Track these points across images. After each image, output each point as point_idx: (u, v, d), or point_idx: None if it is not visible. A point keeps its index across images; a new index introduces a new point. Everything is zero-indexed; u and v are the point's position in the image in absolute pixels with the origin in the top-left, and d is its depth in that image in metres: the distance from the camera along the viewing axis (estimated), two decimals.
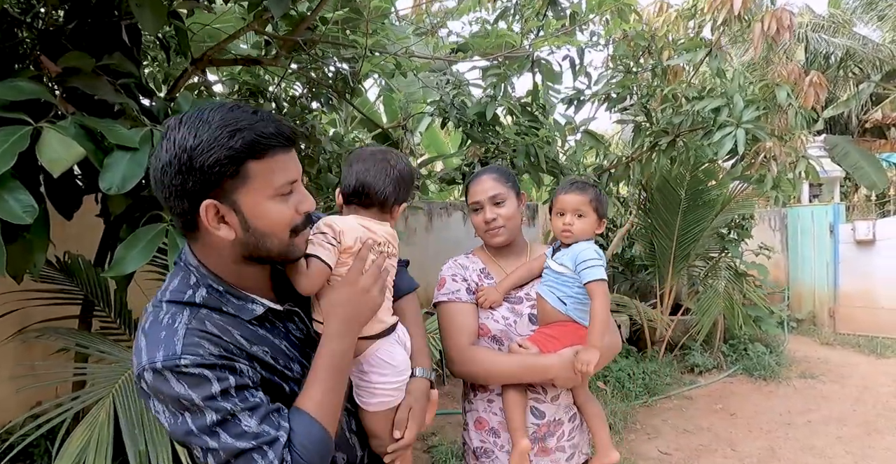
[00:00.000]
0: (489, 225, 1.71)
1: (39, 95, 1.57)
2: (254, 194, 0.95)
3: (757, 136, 3.91)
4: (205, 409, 0.91)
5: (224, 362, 0.95)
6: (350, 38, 2.83)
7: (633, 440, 4.31)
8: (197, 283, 1.03)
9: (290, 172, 0.98)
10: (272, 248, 1.01)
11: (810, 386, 5.66)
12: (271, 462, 0.93)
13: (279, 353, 1.07)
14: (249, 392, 0.97)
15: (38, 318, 2.92)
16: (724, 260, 6.31)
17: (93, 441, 2.02)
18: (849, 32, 12.22)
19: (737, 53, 11.07)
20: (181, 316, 0.98)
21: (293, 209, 1.00)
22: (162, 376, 0.91)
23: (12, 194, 1.39)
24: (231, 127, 0.92)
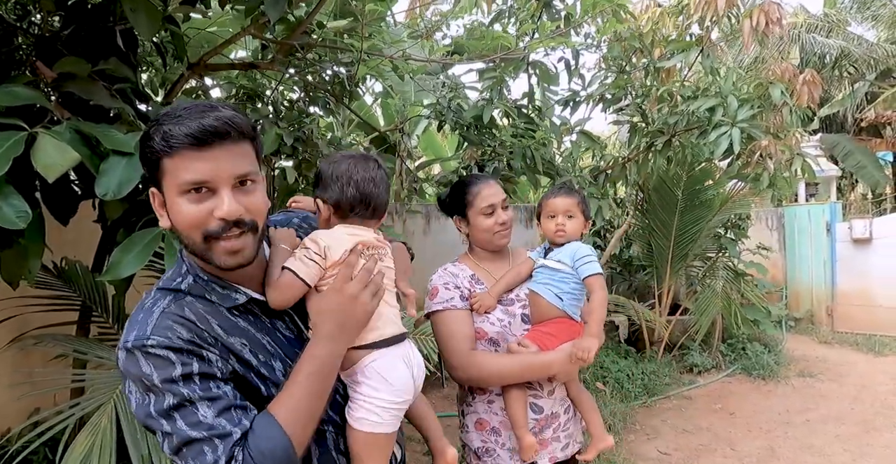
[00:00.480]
0: (502, 228, 1.78)
1: (35, 101, 1.57)
2: (169, 188, 0.96)
3: (752, 135, 3.93)
4: (164, 391, 0.91)
5: (191, 347, 0.94)
6: (346, 42, 2.84)
7: (633, 441, 4.31)
8: (187, 271, 1.05)
9: (194, 171, 0.93)
10: (194, 249, 0.99)
11: (809, 385, 5.68)
12: (218, 457, 0.89)
13: (259, 347, 1.04)
14: (214, 383, 0.95)
15: (35, 324, 2.91)
16: (722, 260, 6.33)
17: (96, 447, 2.02)
18: (843, 32, 12.27)
19: (731, 54, 11.11)
20: (162, 301, 0.99)
21: (205, 211, 0.95)
22: (133, 356, 0.93)
23: (6, 200, 1.38)
24: (157, 121, 0.95)
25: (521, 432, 1.65)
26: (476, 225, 1.81)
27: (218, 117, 0.94)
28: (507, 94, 3.74)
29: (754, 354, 6.17)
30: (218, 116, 0.94)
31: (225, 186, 0.95)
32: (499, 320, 1.73)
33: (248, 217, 0.98)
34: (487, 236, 1.79)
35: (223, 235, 0.96)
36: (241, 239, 0.98)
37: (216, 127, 0.93)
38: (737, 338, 6.44)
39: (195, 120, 0.92)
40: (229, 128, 0.94)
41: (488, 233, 1.78)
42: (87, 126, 1.57)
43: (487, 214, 1.77)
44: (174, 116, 0.93)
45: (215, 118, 0.93)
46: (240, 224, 0.97)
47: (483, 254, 1.85)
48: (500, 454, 1.74)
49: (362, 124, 4.41)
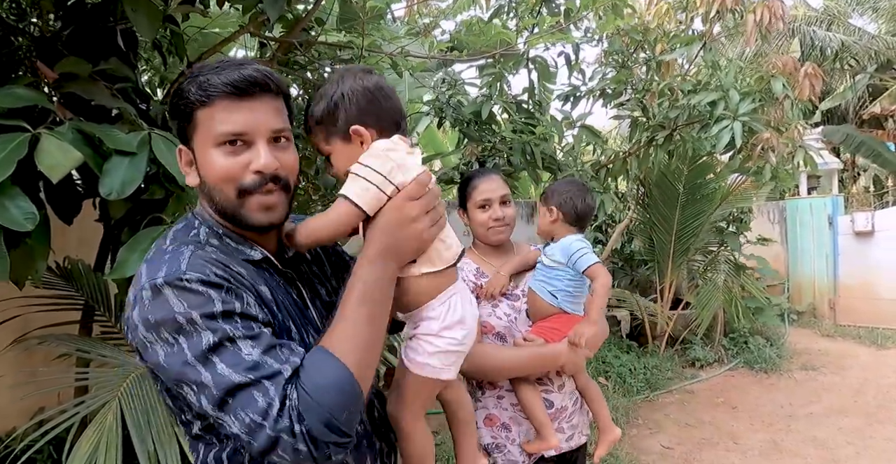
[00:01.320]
0: (497, 223, 1.78)
1: (37, 102, 1.58)
2: (201, 142, 0.93)
3: (754, 128, 3.92)
4: (202, 328, 0.80)
5: (230, 286, 0.86)
6: (346, 39, 2.83)
7: (635, 435, 4.32)
8: (200, 224, 1.00)
9: (233, 123, 0.90)
10: (225, 205, 0.94)
11: (811, 378, 5.68)
12: (271, 400, 0.78)
13: (279, 305, 0.96)
14: (256, 323, 0.86)
15: (38, 324, 2.92)
16: (724, 253, 6.32)
17: (102, 444, 2.03)
18: (844, 25, 12.22)
19: (732, 48, 11.08)
20: (186, 247, 0.91)
21: (241, 165, 0.92)
22: (160, 294, 0.82)
23: (13, 201, 1.39)
24: (192, 75, 0.93)
25: (547, 430, 1.66)
26: (473, 219, 1.83)
27: (258, 69, 0.93)
28: (507, 89, 3.74)
29: (756, 347, 6.17)
30: (258, 69, 0.93)
31: (262, 139, 0.93)
32: (506, 315, 1.75)
33: (282, 173, 0.95)
34: (482, 231, 1.81)
35: (258, 190, 0.93)
36: (276, 195, 0.95)
37: (256, 78, 0.91)
38: (739, 332, 6.44)
39: (235, 71, 0.91)
40: (269, 80, 0.93)
41: (483, 227, 1.80)
42: (89, 126, 1.58)
43: (482, 208, 1.79)
44: (212, 68, 0.92)
45: (255, 70, 0.92)
46: (275, 180, 0.94)
47: (486, 248, 1.87)
48: (510, 450, 1.74)
49: None
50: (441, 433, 4.10)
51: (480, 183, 1.81)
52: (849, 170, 13.44)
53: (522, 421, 1.74)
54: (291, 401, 0.79)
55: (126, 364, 2.49)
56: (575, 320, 1.70)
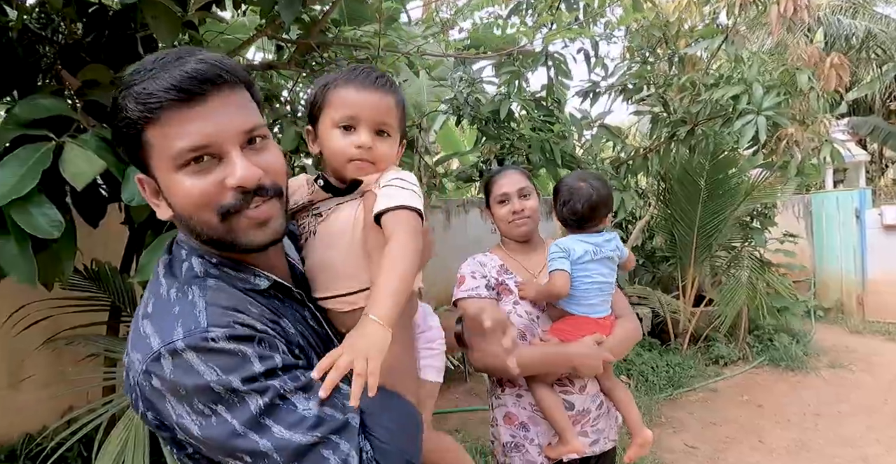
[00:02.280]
0: (516, 216, 1.78)
1: (60, 112, 1.61)
2: (161, 166, 0.76)
3: (778, 122, 3.85)
4: (247, 393, 0.68)
5: (263, 336, 0.74)
6: (362, 40, 2.84)
7: (659, 434, 4.28)
8: (188, 254, 0.84)
9: (189, 135, 0.72)
10: (210, 234, 0.78)
11: (839, 376, 5.57)
12: (346, 457, 0.69)
13: (297, 336, 0.85)
14: (299, 371, 0.74)
15: (67, 325, 2.98)
16: (747, 249, 6.22)
17: (130, 442, 2.08)
18: (870, 13, 11.90)
19: (755, 40, 10.86)
20: (191, 289, 0.77)
21: (214, 184, 0.75)
22: (185, 360, 0.69)
23: (39, 209, 1.43)
24: (126, 86, 0.74)
25: (569, 434, 1.64)
26: (495, 214, 1.84)
27: (202, 60, 0.73)
28: (525, 87, 3.72)
29: (782, 345, 6.06)
30: (202, 59, 0.74)
31: (232, 147, 0.75)
32: (526, 313, 1.74)
33: (268, 180, 0.79)
34: (504, 225, 1.82)
35: (244, 207, 0.77)
36: (266, 206, 0.79)
37: (203, 71, 0.72)
38: (763, 329, 6.33)
39: (174, 69, 0.71)
40: (220, 70, 0.74)
41: (504, 222, 1.81)
42: (111, 134, 1.61)
43: (501, 202, 1.80)
44: (146, 71, 0.72)
45: (198, 61, 0.73)
46: (261, 191, 0.78)
47: (513, 245, 1.87)
48: (528, 450, 1.74)
49: None
50: (463, 431, 4.11)
51: (498, 179, 1.84)
52: (876, 162, 13.10)
53: (541, 421, 1.73)
54: (367, 452, 0.72)
55: None
56: (586, 322, 1.69)
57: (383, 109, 0.96)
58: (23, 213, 1.41)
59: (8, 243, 1.43)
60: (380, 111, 0.95)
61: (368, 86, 0.95)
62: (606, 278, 1.72)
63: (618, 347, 1.72)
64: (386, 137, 0.97)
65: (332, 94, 0.97)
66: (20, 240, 1.44)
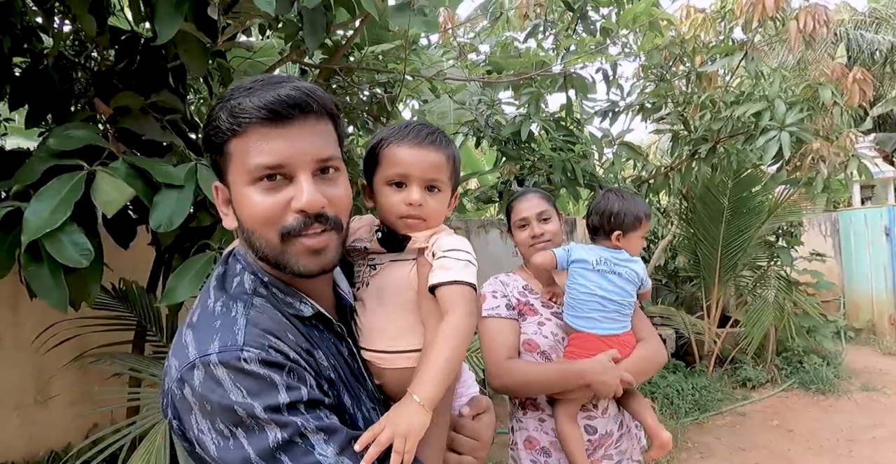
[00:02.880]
0: (536, 240, 1.77)
1: (92, 142, 1.68)
2: (236, 178, 0.80)
3: (802, 138, 3.80)
4: (267, 423, 0.69)
5: (294, 366, 0.75)
6: (386, 65, 2.89)
7: (686, 460, 4.16)
8: (242, 269, 0.86)
9: (268, 153, 0.76)
10: (266, 251, 0.81)
11: (873, 399, 5.38)
12: None
13: (331, 370, 0.85)
14: (323, 412, 0.74)
15: (94, 344, 3.03)
16: (773, 269, 6.09)
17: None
18: (893, 27, 11.78)
19: (774, 57, 10.80)
20: (236, 305, 0.79)
21: (281, 203, 0.78)
22: (215, 375, 0.70)
23: (70, 238, 1.50)
24: (224, 99, 0.80)
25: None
26: (516, 239, 1.84)
27: (297, 87, 0.78)
28: (544, 107, 3.74)
29: (812, 367, 5.88)
30: (297, 87, 0.78)
31: (304, 172, 0.78)
32: (552, 334, 1.73)
33: (331, 211, 0.81)
34: (525, 249, 1.82)
35: (303, 232, 0.79)
36: (324, 236, 0.81)
37: (294, 97, 0.77)
38: (792, 350, 6.16)
39: (270, 91, 0.77)
40: (311, 100, 0.79)
41: (524, 246, 1.81)
42: (140, 161, 1.68)
43: (521, 227, 1.81)
44: (244, 89, 0.78)
45: (293, 88, 0.78)
46: (322, 219, 0.80)
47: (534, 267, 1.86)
48: None
49: None
50: None
51: (518, 203, 1.84)
52: None
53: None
54: None
55: None
56: (590, 340, 1.66)
57: (433, 166, 0.96)
58: (55, 243, 1.48)
59: (41, 270, 1.51)
60: (430, 168, 0.96)
61: (419, 143, 0.97)
62: (608, 294, 1.67)
63: (637, 367, 1.68)
64: (437, 192, 0.97)
65: (383, 151, 0.98)
66: (53, 269, 1.52)
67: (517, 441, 1.78)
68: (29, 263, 1.52)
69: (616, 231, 1.71)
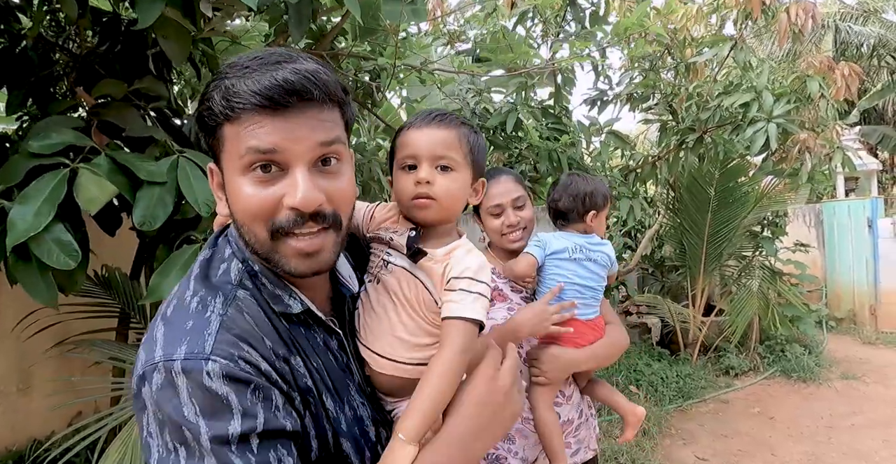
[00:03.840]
0: (511, 229, 1.67)
1: (74, 142, 1.66)
2: (228, 165, 0.74)
3: (789, 129, 3.82)
4: (208, 454, 0.63)
5: (261, 381, 0.69)
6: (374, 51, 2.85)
7: (669, 446, 4.23)
8: (232, 254, 0.80)
9: (260, 138, 0.69)
10: (256, 247, 0.75)
11: (853, 387, 5.49)
12: None
13: (313, 375, 0.79)
14: (275, 450, 0.67)
15: (76, 331, 3.00)
16: (758, 259, 6.16)
17: (127, 457, 2.05)
18: (881, 20, 11.85)
19: (762, 49, 10.83)
20: (214, 302, 0.73)
21: (273, 198, 0.71)
22: (174, 383, 0.65)
23: (56, 238, 1.50)
24: (219, 77, 0.72)
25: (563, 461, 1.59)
26: (486, 225, 1.71)
27: (297, 70, 0.70)
28: (533, 96, 3.72)
29: (794, 355, 5.98)
30: (297, 69, 0.70)
31: (300, 163, 0.71)
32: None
33: (328, 208, 0.74)
34: (497, 238, 1.70)
35: (295, 231, 0.73)
36: (319, 238, 0.74)
37: (293, 82, 0.69)
38: (775, 339, 6.26)
39: (266, 73, 0.69)
40: (311, 84, 0.70)
41: (497, 234, 1.69)
42: (122, 156, 1.67)
43: (495, 214, 1.67)
44: (241, 67, 0.71)
45: (292, 71, 0.69)
46: (318, 217, 0.73)
47: (503, 252, 1.75)
48: (510, 462, 1.68)
49: (389, 129, 4.44)
50: None
51: (490, 186, 1.65)
52: (888, 171, 12.98)
53: (530, 434, 1.67)
54: None
55: None
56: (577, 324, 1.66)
57: (441, 143, 0.93)
58: (41, 245, 1.49)
59: (30, 269, 1.52)
60: (437, 145, 0.93)
61: (427, 123, 0.95)
62: (586, 281, 1.66)
63: (606, 351, 1.68)
64: (449, 171, 0.93)
65: (398, 138, 0.98)
66: (41, 268, 1.52)
67: None
68: (17, 262, 1.51)
69: (591, 211, 1.69)
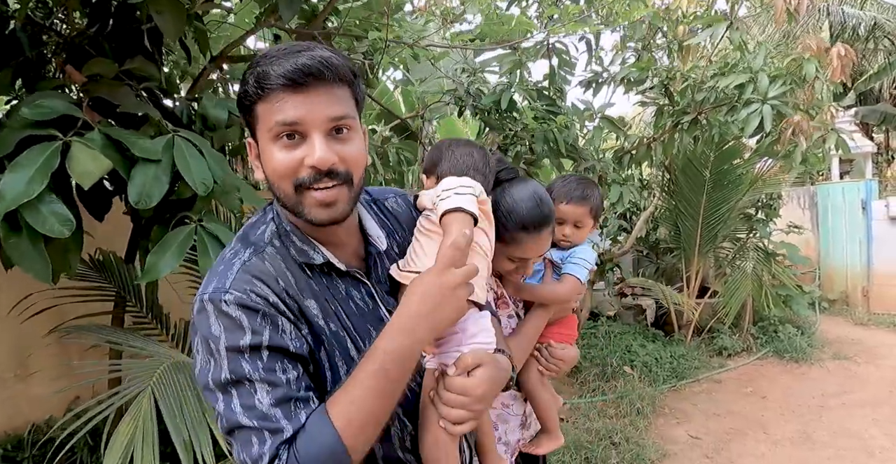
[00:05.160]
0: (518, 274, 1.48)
1: (66, 112, 1.63)
2: (262, 136, 0.92)
3: (783, 111, 3.82)
4: (223, 360, 0.85)
5: (268, 310, 0.88)
6: (366, 31, 2.82)
7: (662, 425, 4.29)
8: (272, 219, 1.00)
9: (284, 113, 0.87)
10: (285, 201, 0.94)
11: (844, 367, 5.56)
12: (263, 453, 0.81)
13: (331, 316, 0.96)
14: (282, 362, 0.87)
15: (72, 315, 2.99)
16: (752, 241, 6.20)
17: (139, 433, 2.07)
18: (878, 3, 11.78)
19: (757, 30, 10.76)
20: (243, 253, 0.94)
21: (296, 159, 0.89)
22: (205, 310, 0.88)
23: (49, 208, 1.47)
24: (254, 64, 0.91)
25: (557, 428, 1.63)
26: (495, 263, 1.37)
27: (312, 57, 0.87)
28: (527, 76, 3.69)
29: (786, 336, 6.05)
30: (313, 56, 0.88)
31: (317, 131, 0.89)
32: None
33: (341, 167, 0.91)
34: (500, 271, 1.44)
35: (314, 185, 0.90)
36: (335, 190, 0.91)
37: (310, 66, 0.87)
38: (768, 320, 6.32)
39: (289, 60, 0.87)
40: (324, 68, 0.88)
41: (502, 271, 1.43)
42: (116, 132, 1.64)
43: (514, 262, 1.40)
44: (270, 57, 0.89)
45: (309, 57, 0.87)
46: (332, 174, 0.90)
47: None
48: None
49: (383, 112, 4.41)
50: None
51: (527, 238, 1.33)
52: (883, 153, 13.00)
53: (510, 418, 1.68)
54: (281, 460, 0.82)
55: (158, 354, 2.54)
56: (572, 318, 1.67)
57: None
58: (34, 213, 1.45)
59: (22, 241, 1.48)
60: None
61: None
62: None
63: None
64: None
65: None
66: (33, 239, 1.49)
67: None
68: (8, 234, 1.48)
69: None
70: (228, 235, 1.77)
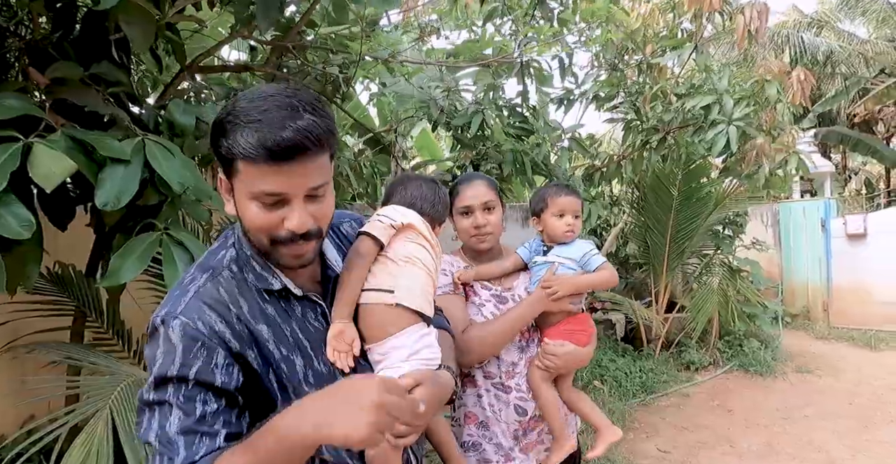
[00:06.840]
0: (479, 230, 1.73)
1: (28, 112, 1.55)
2: (240, 187, 0.94)
3: (748, 132, 3.94)
4: (150, 385, 0.91)
5: (210, 341, 0.92)
6: (341, 43, 2.82)
7: (632, 439, 4.31)
8: (233, 243, 1.04)
9: (269, 184, 0.89)
10: (258, 246, 0.98)
11: (806, 380, 5.70)
12: None
13: (282, 339, 1.00)
14: (204, 393, 0.91)
15: (29, 330, 2.87)
16: (718, 257, 6.34)
17: (92, 454, 1.99)
18: (834, 29, 12.34)
19: (721, 54, 11.15)
20: (199, 279, 0.99)
21: (275, 220, 0.93)
22: (157, 332, 0.93)
23: (8, 209, 1.39)
24: (232, 114, 0.89)
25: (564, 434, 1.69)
26: (457, 225, 1.78)
27: (298, 129, 0.87)
28: (501, 94, 3.73)
29: (751, 350, 6.19)
30: (298, 129, 0.87)
31: (297, 199, 0.93)
32: (491, 314, 1.72)
33: (314, 226, 0.96)
34: (466, 237, 1.77)
35: (290, 244, 0.95)
36: (308, 245, 0.98)
37: (295, 142, 0.87)
38: (733, 335, 6.46)
39: (274, 132, 0.86)
40: (308, 142, 0.88)
41: (465, 234, 1.76)
42: (82, 133, 1.57)
43: (464, 214, 1.74)
44: (252, 118, 0.87)
45: (295, 131, 0.87)
46: (307, 236, 0.96)
47: (473, 252, 1.82)
48: (486, 449, 1.72)
49: (356, 125, 4.40)
50: None
51: (462, 188, 1.75)
52: (840, 173, 13.53)
53: (501, 421, 1.72)
54: None
55: (117, 372, 2.45)
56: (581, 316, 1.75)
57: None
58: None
59: None
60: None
61: None
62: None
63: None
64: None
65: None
66: None
67: (458, 418, 1.79)
68: None
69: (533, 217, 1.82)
70: (195, 243, 1.73)
